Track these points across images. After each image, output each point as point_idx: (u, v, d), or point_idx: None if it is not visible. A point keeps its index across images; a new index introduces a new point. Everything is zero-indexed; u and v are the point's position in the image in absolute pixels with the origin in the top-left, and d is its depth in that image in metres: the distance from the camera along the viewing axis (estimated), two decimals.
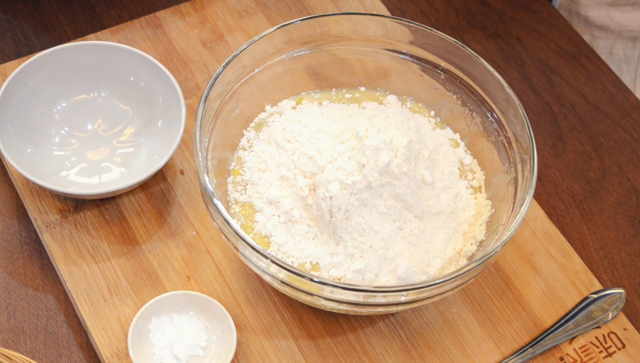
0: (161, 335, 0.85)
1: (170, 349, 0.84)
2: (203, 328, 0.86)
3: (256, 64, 0.93)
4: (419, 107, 0.97)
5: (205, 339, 0.85)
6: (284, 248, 0.86)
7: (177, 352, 0.84)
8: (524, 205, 0.83)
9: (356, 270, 0.84)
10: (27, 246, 0.93)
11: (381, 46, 0.96)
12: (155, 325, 0.86)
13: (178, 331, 0.85)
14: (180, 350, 0.84)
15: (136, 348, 0.84)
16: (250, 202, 0.89)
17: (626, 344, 0.91)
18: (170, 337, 0.85)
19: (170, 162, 0.97)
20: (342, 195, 0.84)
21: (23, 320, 0.88)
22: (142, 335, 0.85)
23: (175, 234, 0.92)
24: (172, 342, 0.85)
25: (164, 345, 0.85)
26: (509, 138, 0.90)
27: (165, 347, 0.84)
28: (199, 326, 0.86)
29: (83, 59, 0.97)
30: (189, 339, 0.85)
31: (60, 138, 0.96)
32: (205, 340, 0.85)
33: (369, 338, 0.88)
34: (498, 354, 0.89)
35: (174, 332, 0.85)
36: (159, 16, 1.07)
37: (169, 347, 0.84)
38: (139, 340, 0.84)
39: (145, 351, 0.84)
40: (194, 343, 0.85)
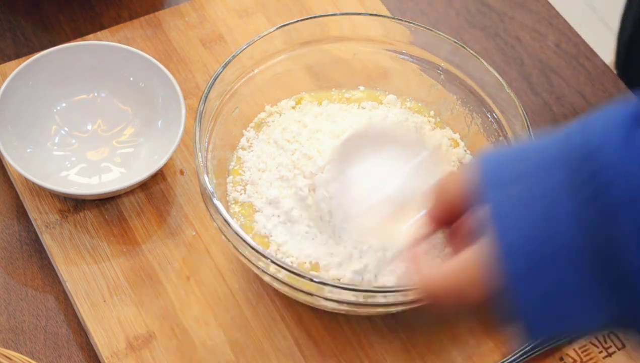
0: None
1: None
2: None
3: (256, 64, 0.93)
4: (418, 107, 0.97)
5: None
6: (283, 248, 0.86)
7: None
8: None
9: (356, 270, 0.84)
10: (27, 246, 0.93)
11: (381, 46, 0.96)
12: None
13: None
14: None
15: None
16: (249, 202, 0.89)
17: (626, 344, 0.90)
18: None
19: (170, 162, 0.97)
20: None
21: (23, 320, 0.88)
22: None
23: (175, 234, 0.92)
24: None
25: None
26: (509, 138, 0.90)
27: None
28: None
29: (83, 59, 0.97)
30: None
31: (60, 138, 0.96)
32: None
33: (369, 338, 0.88)
34: (498, 354, 0.89)
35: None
36: (159, 16, 1.07)
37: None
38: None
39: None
40: None
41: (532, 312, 0.58)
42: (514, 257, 0.58)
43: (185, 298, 0.89)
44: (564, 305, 0.58)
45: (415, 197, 0.76)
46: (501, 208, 0.60)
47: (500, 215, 0.59)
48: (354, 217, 0.80)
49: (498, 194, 0.60)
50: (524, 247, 0.58)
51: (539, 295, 0.58)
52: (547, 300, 0.57)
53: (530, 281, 0.57)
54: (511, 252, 0.58)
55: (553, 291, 0.57)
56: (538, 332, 0.60)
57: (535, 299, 0.58)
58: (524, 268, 0.57)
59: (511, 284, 0.58)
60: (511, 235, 0.58)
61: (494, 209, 0.60)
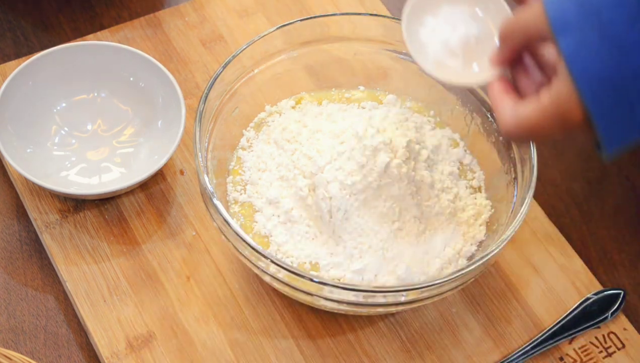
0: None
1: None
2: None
3: (256, 64, 0.93)
4: (418, 106, 0.97)
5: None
6: (283, 248, 0.86)
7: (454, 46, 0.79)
8: (524, 205, 0.83)
9: (356, 270, 0.84)
10: (27, 246, 0.93)
11: (381, 46, 0.96)
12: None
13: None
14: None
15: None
16: (249, 202, 0.89)
17: (626, 344, 0.91)
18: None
19: (170, 162, 0.97)
20: (342, 196, 0.84)
21: (23, 320, 0.88)
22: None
23: (175, 234, 0.92)
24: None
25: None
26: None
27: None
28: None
29: (83, 59, 0.97)
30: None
31: (60, 138, 0.96)
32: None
33: (369, 338, 0.88)
34: (498, 354, 0.89)
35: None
36: (159, 16, 1.07)
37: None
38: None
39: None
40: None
41: (619, 124, 0.66)
42: (597, 90, 0.64)
43: (185, 298, 0.89)
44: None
45: (487, 37, 0.78)
46: (578, 44, 0.65)
47: (577, 53, 0.65)
48: (430, 57, 0.79)
49: (571, 33, 0.65)
50: (603, 80, 0.64)
51: (623, 110, 0.65)
52: (630, 112, 0.65)
53: (615, 103, 0.65)
54: (594, 86, 0.64)
55: (636, 103, 0.64)
56: (621, 136, 0.68)
57: (620, 115, 0.65)
58: (608, 99, 0.65)
59: (598, 111, 0.65)
60: (590, 71, 0.64)
61: (569, 48, 0.65)
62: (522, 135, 0.71)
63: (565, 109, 0.66)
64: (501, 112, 0.72)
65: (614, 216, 1.01)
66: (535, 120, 0.69)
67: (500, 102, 0.73)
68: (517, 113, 0.70)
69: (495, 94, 0.74)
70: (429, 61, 0.79)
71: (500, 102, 0.73)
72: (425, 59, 0.79)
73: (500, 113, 0.72)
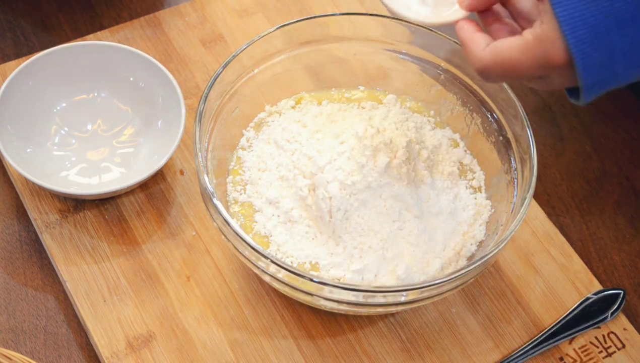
0: None
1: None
2: None
3: (256, 64, 0.93)
4: (418, 106, 0.97)
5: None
6: (283, 248, 0.86)
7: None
8: (524, 205, 0.83)
9: (356, 270, 0.84)
10: (27, 246, 0.93)
11: (381, 46, 0.96)
12: None
13: None
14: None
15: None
16: (249, 202, 0.89)
17: (626, 344, 0.91)
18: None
19: (170, 162, 0.97)
20: (342, 196, 0.84)
21: (23, 320, 0.88)
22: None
23: (175, 234, 0.92)
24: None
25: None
26: (508, 138, 0.90)
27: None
28: None
29: (83, 59, 0.97)
30: None
31: (60, 138, 0.96)
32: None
33: (369, 338, 0.88)
34: (498, 354, 0.89)
35: None
36: (159, 16, 1.07)
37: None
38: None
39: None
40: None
41: (596, 67, 0.67)
42: (580, 34, 0.66)
43: (185, 298, 0.89)
44: (623, 59, 0.67)
45: None
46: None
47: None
48: (400, 2, 0.79)
49: None
50: (587, 24, 0.66)
51: (604, 55, 0.66)
52: (611, 59, 0.66)
53: (597, 47, 0.66)
54: (577, 30, 0.66)
55: (617, 51, 0.66)
56: (599, 83, 0.68)
57: (601, 60, 0.66)
58: (590, 43, 0.66)
59: (580, 54, 0.66)
60: (574, 13, 0.66)
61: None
62: (498, 70, 0.71)
63: (549, 48, 0.67)
64: (475, 47, 0.73)
65: (614, 216, 1.01)
66: (516, 57, 0.70)
67: (473, 37, 0.74)
68: (496, 48, 0.71)
69: (465, 31, 0.75)
70: (399, 4, 0.79)
71: (472, 37, 0.74)
72: (395, 2, 0.80)
73: (474, 48, 0.73)
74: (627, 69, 0.68)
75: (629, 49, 0.66)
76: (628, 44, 0.66)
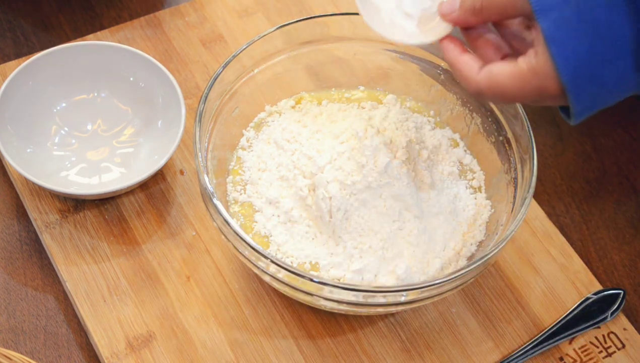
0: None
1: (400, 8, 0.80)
2: None
3: (256, 64, 0.93)
4: (418, 106, 0.97)
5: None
6: (283, 248, 0.86)
7: (408, 9, 0.80)
8: (524, 205, 0.83)
9: (356, 270, 0.84)
10: (27, 246, 0.93)
11: (381, 46, 0.96)
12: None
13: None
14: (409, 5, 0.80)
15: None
16: (249, 202, 0.89)
17: (626, 344, 0.91)
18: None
19: (170, 162, 0.97)
20: (342, 196, 0.84)
21: (23, 320, 0.88)
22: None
23: (175, 234, 0.92)
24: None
25: (392, 6, 0.80)
26: (508, 138, 0.90)
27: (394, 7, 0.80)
28: None
29: (83, 59, 0.97)
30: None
31: (60, 138, 0.96)
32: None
33: (369, 338, 0.88)
34: (498, 354, 0.89)
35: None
36: (159, 16, 1.07)
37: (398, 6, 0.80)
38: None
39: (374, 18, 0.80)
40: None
41: (589, 98, 0.71)
42: (573, 70, 0.69)
43: (185, 298, 0.89)
44: (611, 89, 0.70)
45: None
46: (557, 27, 0.68)
47: (557, 34, 0.69)
48: (384, 20, 0.80)
49: (552, 15, 0.68)
50: (580, 60, 0.69)
51: (595, 88, 0.70)
52: (600, 90, 0.70)
53: (589, 82, 0.70)
54: (570, 66, 0.69)
55: (606, 83, 0.69)
56: (589, 108, 0.72)
57: (592, 91, 0.70)
58: (583, 78, 0.69)
59: (573, 88, 0.70)
60: (567, 51, 0.69)
61: (550, 29, 0.69)
62: (493, 96, 0.74)
63: (544, 80, 0.70)
64: (467, 71, 0.75)
65: (614, 216, 1.01)
66: (511, 84, 0.72)
67: (463, 60, 0.75)
68: (491, 74, 0.73)
69: (452, 51, 0.76)
70: (382, 23, 0.80)
71: (462, 60, 0.75)
72: (378, 21, 0.80)
73: (466, 72, 0.75)
74: (616, 96, 0.71)
75: (618, 80, 0.70)
76: (617, 75, 0.69)
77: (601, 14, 0.68)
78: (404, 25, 0.80)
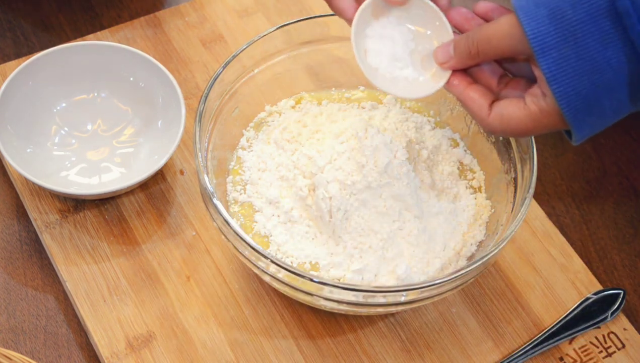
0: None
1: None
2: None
3: (256, 64, 0.93)
4: (418, 106, 0.97)
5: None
6: (283, 248, 0.86)
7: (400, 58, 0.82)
8: (524, 205, 0.83)
9: (356, 270, 0.84)
10: (27, 246, 0.93)
11: None
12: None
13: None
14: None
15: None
16: (249, 202, 0.89)
17: (626, 344, 0.91)
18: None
19: (170, 162, 0.97)
20: (342, 196, 0.84)
21: (23, 320, 0.88)
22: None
23: (175, 234, 0.92)
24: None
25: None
26: (508, 138, 0.90)
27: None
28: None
29: (83, 59, 0.97)
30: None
31: (60, 138, 0.96)
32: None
33: (369, 338, 0.88)
34: (498, 354, 0.89)
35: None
36: (159, 16, 1.07)
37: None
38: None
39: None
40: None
41: (589, 127, 0.75)
42: (575, 106, 0.73)
43: (185, 298, 0.89)
44: (609, 117, 0.74)
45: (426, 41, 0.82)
46: (558, 67, 0.72)
47: (558, 74, 0.72)
48: (385, 76, 0.82)
49: (552, 55, 0.72)
50: (580, 97, 0.72)
51: (594, 118, 0.74)
52: (599, 119, 0.74)
53: (589, 114, 0.73)
54: (572, 103, 0.72)
55: (605, 114, 0.73)
56: (589, 134, 0.75)
57: (592, 122, 0.74)
58: (584, 111, 0.73)
59: (575, 121, 0.74)
60: (568, 89, 0.72)
61: (551, 69, 0.72)
62: (505, 133, 0.78)
63: (552, 119, 0.74)
64: (478, 110, 0.78)
65: (614, 216, 1.01)
66: (524, 125, 0.76)
67: (471, 97, 0.79)
68: (502, 116, 0.76)
69: (458, 87, 0.79)
70: (385, 80, 0.82)
71: (470, 97, 0.79)
72: (381, 79, 0.82)
73: (477, 110, 0.78)
74: (612, 121, 0.75)
75: (615, 110, 0.73)
76: (615, 105, 0.73)
77: (598, 50, 0.71)
78: (405, 76, 0.82)
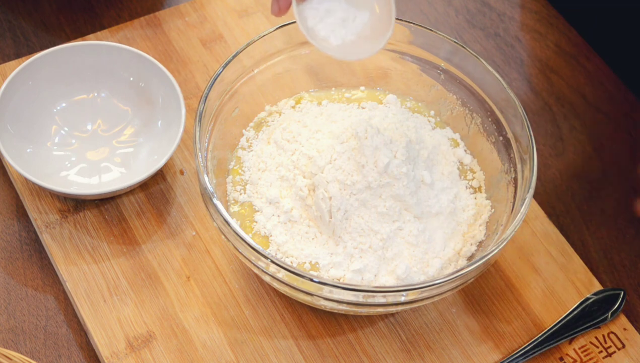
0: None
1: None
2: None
3: (256, 64, 0.93)
4: (418, 106, 0.97)
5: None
6: (283, 248, 0.86)
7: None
8: (524, 205, 0.83)
9: (355, 270, 0.84)
10: (27, 246, 0.93)
11: None
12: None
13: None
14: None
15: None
16: (249, 202, 0.89)
17: (626, 344, 0.91)
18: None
19: (170, 162, 0.97)
20: (342, 196, 0.84)
21: (23, 320, 0.88)
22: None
23: (175, 234, 0.92)
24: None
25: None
26: (508, 138, 0.90)
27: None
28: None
29: (83, 59, 0.97)
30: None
31: (60, 138, 0.96)
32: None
33: (369, 338, 0.88)
34: (498, 354, 0.89)
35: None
36: (159, 16, 1.07)
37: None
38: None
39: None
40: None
41: None
42: None
43: (185, 298, 0.89)
44: None
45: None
46: None
47: None
48: (332, 43, 0.84)
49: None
50: None
51: None
52: None
53: None
54: None
55: None
56: None
57: None
58: None
59: None
60: None
61: None
62: None
63: None
64: None
65: (614, 216, 1.01)
66: None
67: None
68: None
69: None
70: (333, 47, 0.84)
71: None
72: (328, 46, 0.84)
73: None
74: None
75: None
76: None
77: None
78: (350, 40, 0.84)
